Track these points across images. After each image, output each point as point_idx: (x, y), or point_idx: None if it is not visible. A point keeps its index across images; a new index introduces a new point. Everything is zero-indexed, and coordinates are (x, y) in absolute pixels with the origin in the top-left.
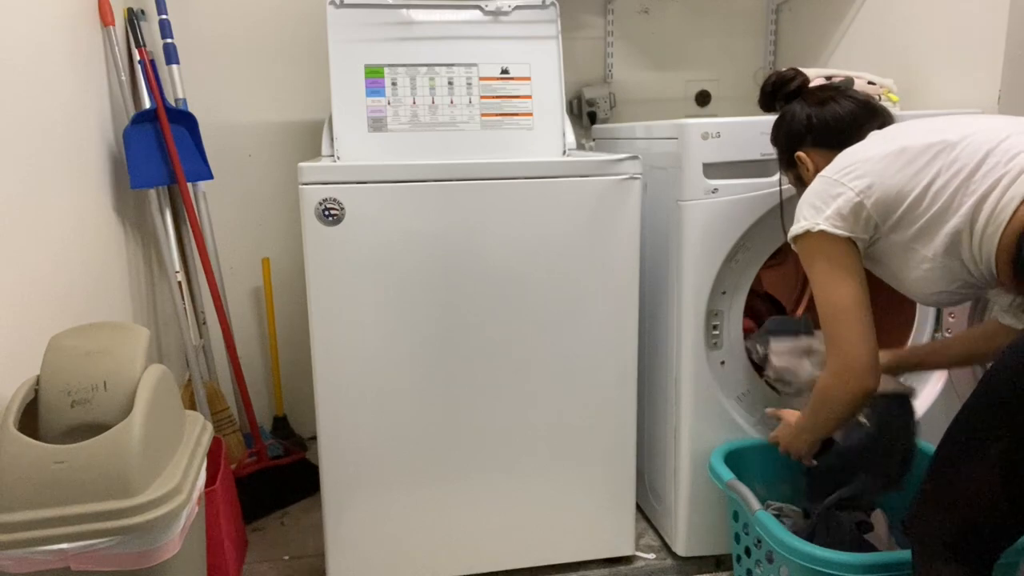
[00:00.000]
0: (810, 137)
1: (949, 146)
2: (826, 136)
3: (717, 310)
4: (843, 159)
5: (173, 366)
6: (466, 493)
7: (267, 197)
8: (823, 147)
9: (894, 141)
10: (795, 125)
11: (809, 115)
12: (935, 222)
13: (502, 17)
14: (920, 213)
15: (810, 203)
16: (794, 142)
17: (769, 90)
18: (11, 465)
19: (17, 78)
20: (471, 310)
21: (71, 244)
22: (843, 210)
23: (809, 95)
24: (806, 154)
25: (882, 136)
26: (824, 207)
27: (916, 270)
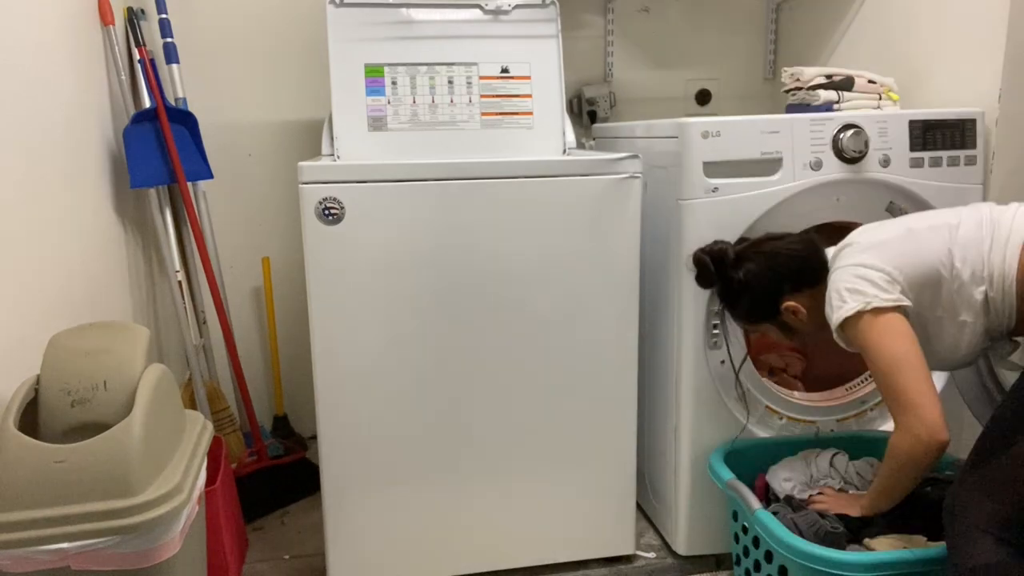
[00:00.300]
0: (788, 285)
1: (952, 226)
2: (802, 277)
3: (717, 310)
4: (852, 255)
5: (173, 365)
6: (466, 492)
7: (267, 196)
8: (805, 288)
9: (893, 228)
10: (766, 282)
11: (772, 268)
12: (968, 286)
13: (502, 16)
14: (952, 279)
15: (846, 290)
16: (772, 297)
17: (711, 268)
18: (11, 465)
19: (17, 77)
20: (471, 309)
21: (71, 243)
22: (883, 287)
23: (752, 254)
24: (794, 301)
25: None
26: (865, 288)
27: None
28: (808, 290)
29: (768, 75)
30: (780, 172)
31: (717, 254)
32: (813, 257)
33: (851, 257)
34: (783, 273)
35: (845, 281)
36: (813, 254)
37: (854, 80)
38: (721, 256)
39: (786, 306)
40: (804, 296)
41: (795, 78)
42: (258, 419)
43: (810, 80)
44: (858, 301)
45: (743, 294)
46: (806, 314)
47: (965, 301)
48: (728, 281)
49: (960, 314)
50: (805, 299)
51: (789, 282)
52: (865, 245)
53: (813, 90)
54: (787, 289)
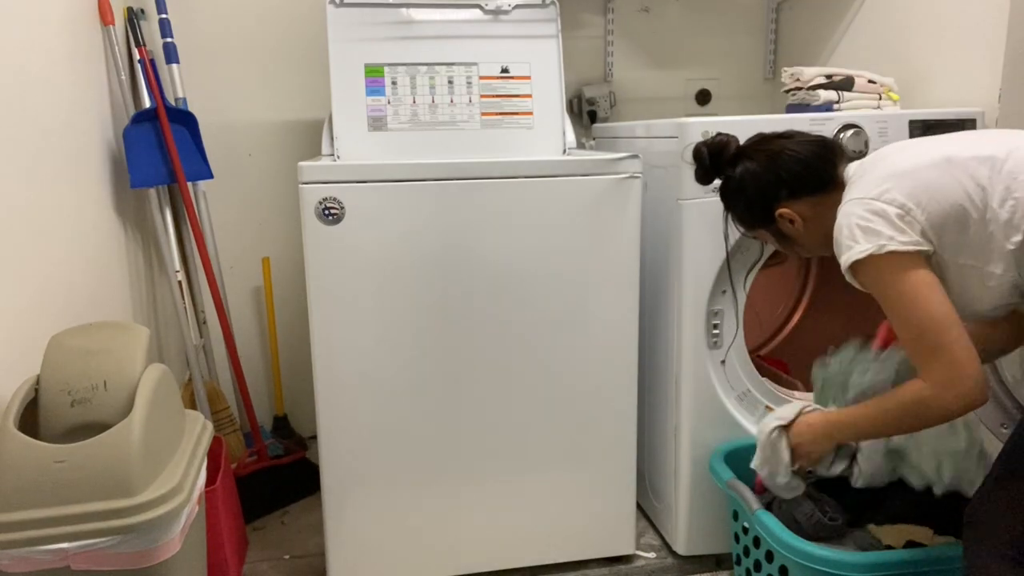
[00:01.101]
0: (784, 191)
1: (999, 160)
2: (802, 183)
3: (717, 309)
4: (873, 178)
5: (173, 365)
6: (466, 492)
7: (267, 196)
8: (803, 195)
9: (931, 152)
10: (761, 184)
11: (771, 169)
12: (998, 236)
13: (502, 16)
14: (985, 223)
15: (858, 227)
16: (767, 201)
17: (707, 162)
18: (11, 465)
19: (17, 77)
20: (471, 309)
21: (71, 244)
22: (900, 226)
23: (754, 152)
24: (788, 208)
25: (911, 150)
26: (879, 227)
27: (979, 287)
28: (808, 198)
29: (768, 75)
30: None
31: (716, 147)
32: (819, 163)
33: (870, 186)
34: (782, 176)
35: (858, 216)
36: (821, 159)
37: (854, 80)
38: (720, 149)
39: (781, 212)
40: (803, 204)
41: (795, 78)
42: (258, 419)
43: (810, 80)
44: (871, 242)
45: (739, 194)
46: (803, 224)
47: (997, 249)
48: (726, 179)
49: (989, 263)
50: (805, 207)
51: (787, 187)
52: (890, 171)
53: (813, 90)
54: (784, 195)
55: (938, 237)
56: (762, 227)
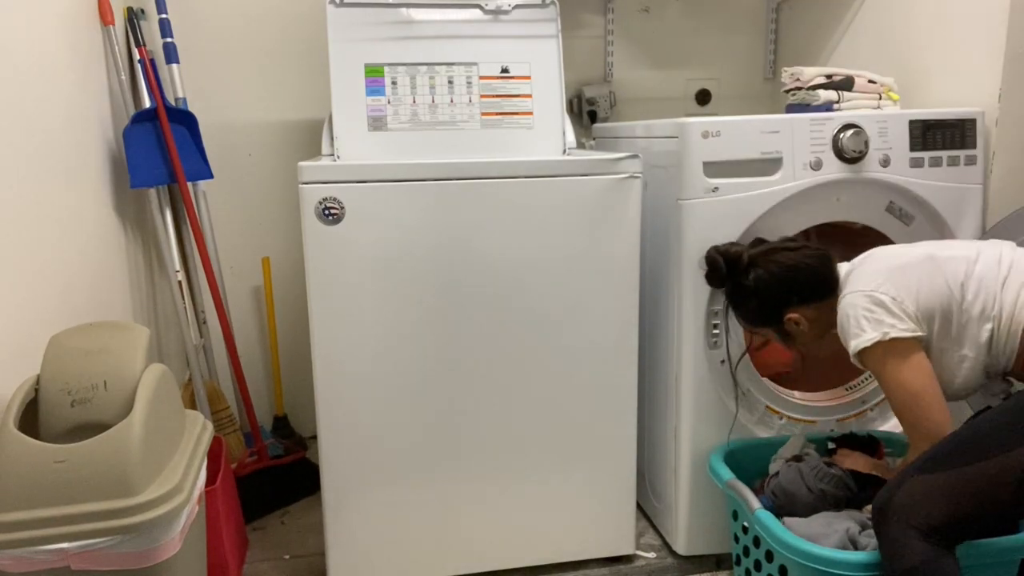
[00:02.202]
0: (796, 297)
1: (971, 260)
2: (811, 291)
3: (717, 309)
4: (869, 272)
5: (173, 365)
6: (466, 492)
7: (267, 196)
8: (811, 302)
9: (915, 251)
10: (774, 292)
11: (785, 278)
12: (975, 322)
13: (502, 16)
14: (962, 313)
15: (865, 318)
16: (780, 306)
17: (723, 271)
18: (11, 464)
19: (17, 77)
20: (471, 309)
21: (71, 243)
22: (899, 315)
23: (766, 261)
24: (798, 313)
25: (894, 251)
26: (882, 317)
27: (955, 368)
28: (814, 303)
29: (768, 75)
30: (780, 172)
31: (732, 256)
32: (825, 273)
33: (868, 280)
34: (792, 286)
35: (862, 307)
36: (825, 270)
37: (854, 80)
38: (735, 259)
39: (790, 316)
40: (809, 309)
41: (795, 78)
42: (258, 419)
43: (810, 80)
44: (877, 331)
45: (751, 298)
46: (808, 326)
47: (971, 336)
48: (738, 284)
49: (963, 348)
50: (810, 312)
51: (797, 295)
52: (883, 267)
53: (813, 90)
54: (794, 301)
55: (928, 324)
56: (768, 327)
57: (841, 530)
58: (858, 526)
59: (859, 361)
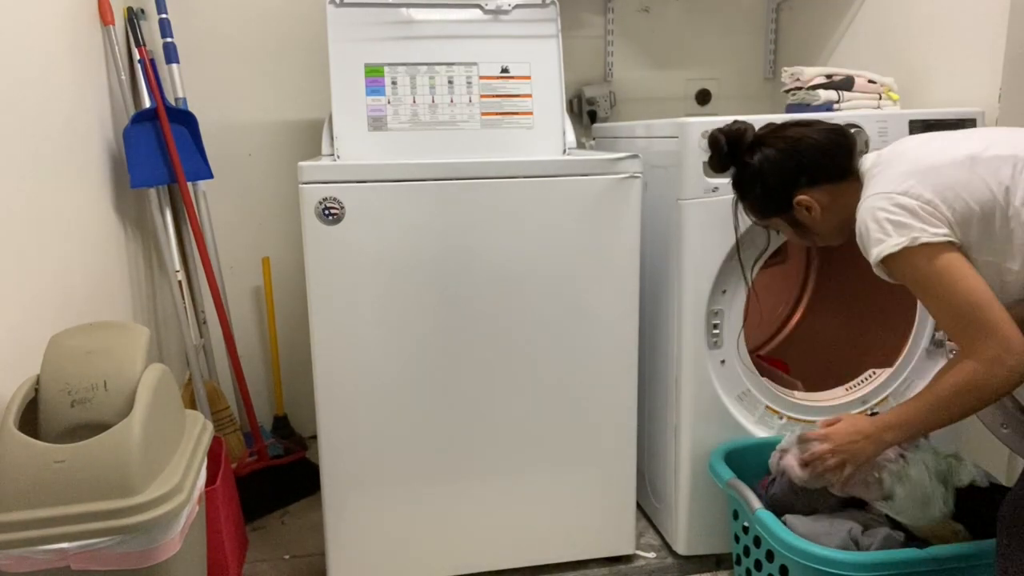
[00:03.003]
0: (804, 177)
1: (1020, 159)
2: (822, 170)
3: (717, 309)
4: (896, 174)
5: (173, 365)
6: (466, 492)
7: (267, 196)
8: (823, 183)
9: (954, 150)
10: (781, 170)
11: (792, 155)
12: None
13: (502, 16)
14: (1007, 220)
15: (888, 220)
16: (786, 188)
17: (725, 149)
18: (11, 465)
19: (17, 77)
20: (471, 310)
21: (71, 243)
22: (929, 220)
23: (773, 139)
24: (807, 195)
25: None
26: (909, 220)
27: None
28: (827, 185)
29: (768, 75)
30: None
31: (734, 135)
32: (838, 151)
33: (893, 180)
34: (802, 163)
35: (886, 210)
36: (839, 147)
37: (854, 80)
38: (739, 137)
39: (799, 200)
40: (821, 192)
41: (795, 78)
42: (258, 419)
43: (810, 80)
44: (904, 236)
45: (756, 182)
46: (820, 212)
47: (1017, 245)
48: (742, 166)
49: (1007, 259)
50: (822, 195)
51: (806, 174)
52: (913, 168)
53: (813, 90)
54: (803, 182)
55: (964, 233)
56: (778, 215)
57: (843, 530)
58: (860, 526)
59: (885, 272)
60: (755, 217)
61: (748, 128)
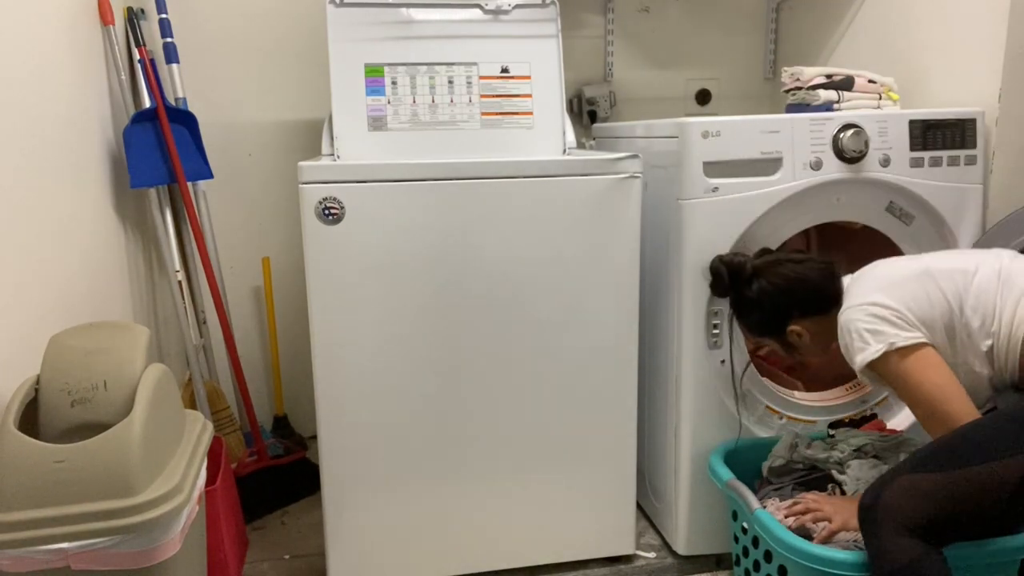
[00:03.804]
0: (796, 310)
1: (969, 272)
2: (814, 305)
3: (717, 309)
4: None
5: (173, 365)
6: (466, 492)
7: (267, 196)
8: (813, 315)
9: (912, 266)
10: (776, 303)
11: (786, 291)
12: (975, 339)
13: (502, 16)
14: (964, 328)
15: (867, 331)
16: (780, 318)
17: (727, 282)
18: (11, 464)
19: (17, 77)
20: (471, 309)
21: (71, 244)
22: (901, 325)
23: (770, 273)
24: (800, 326)
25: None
26: (883, 328)
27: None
28: (817, 317)
29: (768, 75)
30: (780, 172)
31: (735, 267)
32: (828, 287)
33: (863, 295)
34: (795, 299)
35: (861, 321)
36: (828, 284)
37: (854, 80)
38: (739, 269)
39: (792, 329)
40: (811, 322)
41: (795, 78)
42: (258, 419)
43: (810, 80)
44: (881, 342)
45: (754, 309)
46: (810, 338)
47: (974, 350)
48: (741, 295)
49: (968, 360)
50: (812, 324)
51: (799, 308)
52: (879, 282)
53: (813, 90)
54: (796, 314)
55: (931, 336)
56: (770, 337)
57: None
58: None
59: (869, 375)
60: (749, 334)
61: (746, 261)
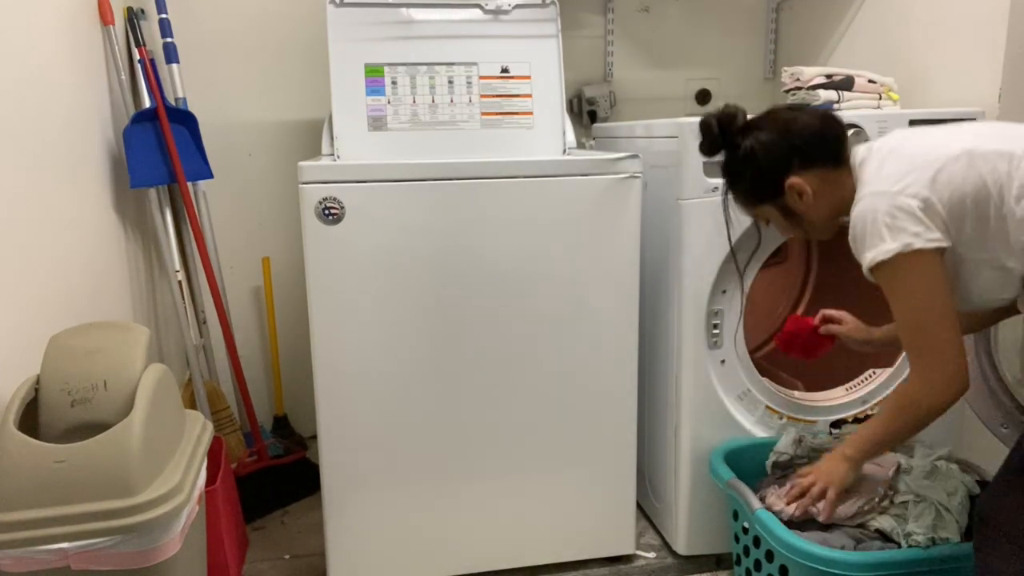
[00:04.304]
0: (796, 159)
1: (1016, 156)
2: (815, 153)
3: (717, 309)
4: (894, 170)
5: (173, 365)
6: (466, 492)
7: (267, 196)
8: (815, 167)
9: (951, 145)
10: (772, 151)
11: (784, 136)
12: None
13: (502, 16)
14: (999, 222)
15: (885, 224)
16: (778, 171)
17: (716, 131)
18: (11, 464)
19: (17, 77)
20: (471, 309)
21: (71, 244)
22: (925, 221)
23: (764, 121)
24: (800, 178)
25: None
26: (905, 225)
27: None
28: (818, 170)
29: (768, 75)
30: None
31: (726, 118)
32: (830, 134)
33: (892, 179)
34: (794, 144)
35: (884, 212)
36: (831, 131)
37: (854, 80)
38: (730, 120)
39: (791, 183)
40: (813, 176)
41: (795, 78)
42: (258, 419)
43: (810, 80)
44: (898, 241)
45: (747, 165)
46: (811, 197)
47: (1012, 244)
48: (734, 149)
49: (1002, 257)
50: (814, 180)
51: (799, 156)
52: (913, 163)
53: (813, 90)
54: (796, 164)
55: (957, 231)
56: (768, 202)
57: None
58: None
59: (871, 274)
60: (745, 206)
61: (739, 111)
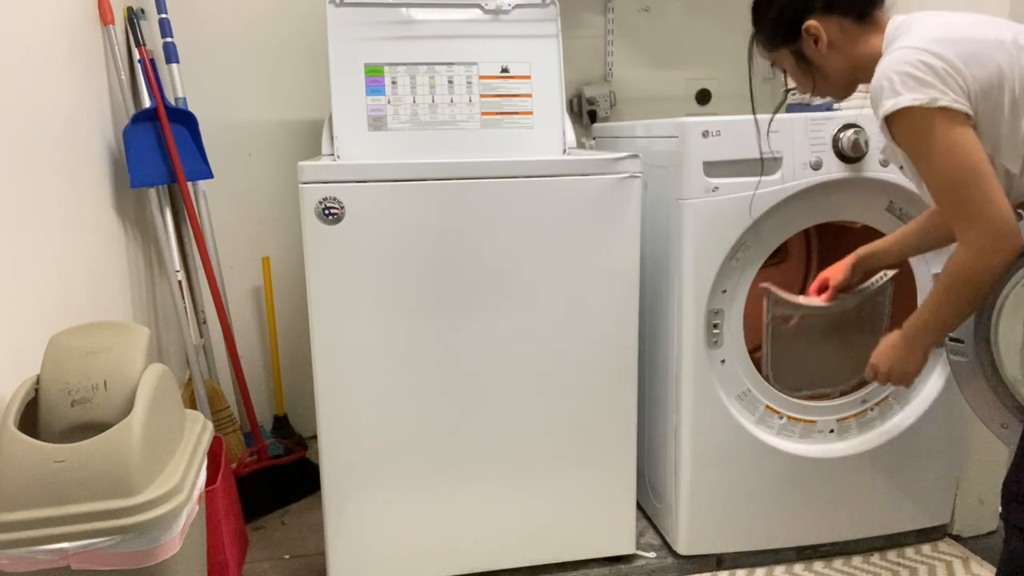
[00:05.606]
0: (819, 2)
1: None
2: (839, 1)
3: (717, 309)
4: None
5: (173, 365)
6: (466, 492)
7: (267, 196)
8: (836, 13)
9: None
10: None
11: None
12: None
13: (502, 16)
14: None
15: (909, 75)
16: (798, 11)
17: None
18: (11, 464)
19: (17, 77)
20: (471, 309)
21: (71, 243)
22: (952, 83)
23: None
24: (819, 23)
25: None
26: (932, 79)
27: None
28: (838, 18)
29: (768, 75)
30: (780, 172)
31: None
32: None
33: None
34: None
35: (911, 64)
36: None
37: None
38: None
39: (808, 26)
40: (833, 24)
41: None
42: (258, 419)
43: None
44: (924, 94)
45: (771, 2)
46: (827, 47)
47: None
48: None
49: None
50: (833, 28)
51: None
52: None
53: None
54: (817, 7)
55: (983, 100)
56: (785, 46)
57: None
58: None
59: (888, 132)
60: (765, 50)
61: None
